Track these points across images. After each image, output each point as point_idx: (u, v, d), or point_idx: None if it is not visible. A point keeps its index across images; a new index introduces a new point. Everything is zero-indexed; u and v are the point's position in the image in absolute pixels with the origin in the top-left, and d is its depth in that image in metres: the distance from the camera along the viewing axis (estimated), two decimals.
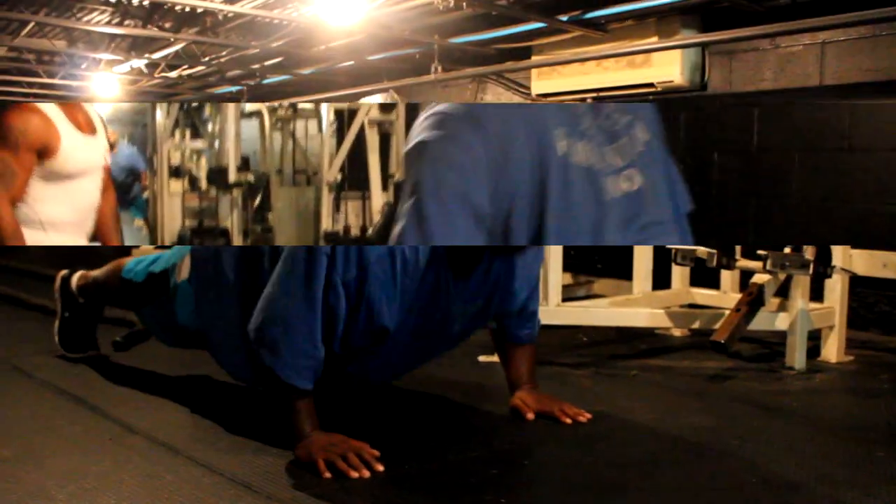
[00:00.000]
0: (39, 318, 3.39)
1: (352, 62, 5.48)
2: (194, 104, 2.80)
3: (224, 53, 5.54)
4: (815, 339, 2.96)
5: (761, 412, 2.34)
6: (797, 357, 2.82)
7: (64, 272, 2.79)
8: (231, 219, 2.73)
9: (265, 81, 6.55)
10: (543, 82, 4.79)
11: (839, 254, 2.92)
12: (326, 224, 2.85)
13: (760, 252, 2.83)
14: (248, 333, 1.87)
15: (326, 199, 3.16)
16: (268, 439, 1.95)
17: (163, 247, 2.62)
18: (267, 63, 5.92)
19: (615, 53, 4.14)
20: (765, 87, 3.91)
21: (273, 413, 2.04)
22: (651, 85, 4.20)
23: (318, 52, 5.17)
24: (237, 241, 2.70)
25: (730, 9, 3.77)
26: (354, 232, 2.88)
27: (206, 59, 5.61)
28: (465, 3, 3.68)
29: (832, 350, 2.96)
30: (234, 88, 7.10)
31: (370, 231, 2.83)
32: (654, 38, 4.09)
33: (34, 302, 3.56)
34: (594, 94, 4.57)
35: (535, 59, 4.70)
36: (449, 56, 4.95)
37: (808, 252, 2.77)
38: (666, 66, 4.10)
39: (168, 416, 2.18)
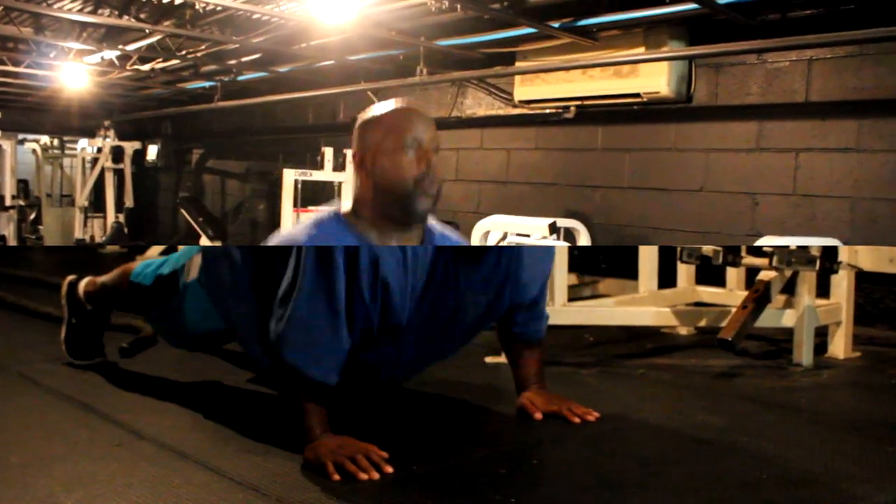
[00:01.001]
0: (45, 325, 3.40)
1: (332, 61, 5.52)
2: None
3: (202, 47, 5.58)
4: (821, 336, 3.06)
5: (769, 409, 2.45)
6: (804, 353, 2.92)
7: (71, 278, 2.82)
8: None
9: (240, 78, 6.60)
10: (526, 88, 4.86)
11: (845, 250, 3.02)
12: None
13: (766, 249, 2.93)
14: (269, 332, 1.97)
15: (78, 217, 7.43)
16: (276, 442, 2.02)
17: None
18: (244, 59, 5.96)
19: (602, 62, 4.22)
20: (751, 102, 4.03)
21: (282, 416, 2.14)
22: (637, 95, 4.28)
23: (298, 49, 5.21)
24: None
25: (717, 21, 3.86)
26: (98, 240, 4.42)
27: (182, 52, 5.65)
28: (458, 5, 3.73)
29: (839, 346, 3.06)
30: (207, 84, 7.12)
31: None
32: (642, 49, 4.16)
33: (41, 310, 3.56)
34: (578, 103, 4.67)
35: (520, 65, 4.77)
36: (431, 59, 5.02)
37: (814, 248, 2.88)
38: (653, 76, 4.18)
39: (176, 421, 2.24)
